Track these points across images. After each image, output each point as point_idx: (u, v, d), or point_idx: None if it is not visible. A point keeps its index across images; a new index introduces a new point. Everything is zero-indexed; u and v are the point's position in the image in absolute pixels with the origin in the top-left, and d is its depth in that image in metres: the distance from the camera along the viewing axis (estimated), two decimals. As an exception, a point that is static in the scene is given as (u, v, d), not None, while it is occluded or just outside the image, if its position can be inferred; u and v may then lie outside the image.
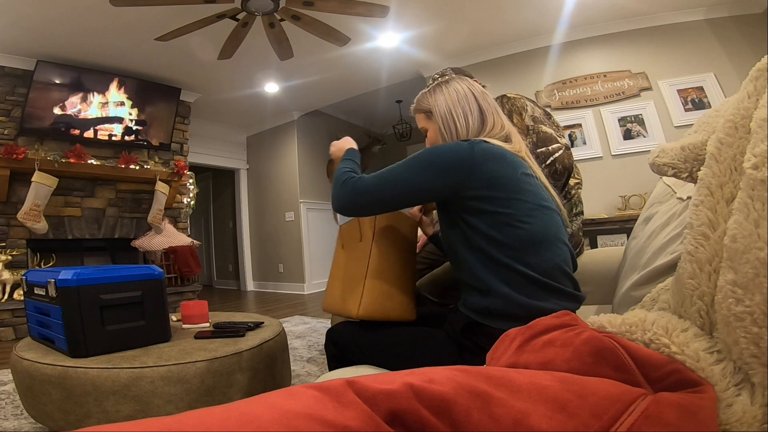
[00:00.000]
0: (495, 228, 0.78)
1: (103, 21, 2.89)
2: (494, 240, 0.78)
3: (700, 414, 0.34)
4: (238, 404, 0.29)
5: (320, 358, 2.13)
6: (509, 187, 0.79)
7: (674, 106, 3.26)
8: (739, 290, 0.36)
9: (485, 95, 0.95)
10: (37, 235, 3.23)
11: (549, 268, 0.77)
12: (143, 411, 1.01)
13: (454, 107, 0.92)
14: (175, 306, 3.43)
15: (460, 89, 0.94)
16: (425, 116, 0.98)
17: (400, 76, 4.33)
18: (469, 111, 0.92)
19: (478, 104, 0.92)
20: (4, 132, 3.19)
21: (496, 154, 0.81)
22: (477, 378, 0.36)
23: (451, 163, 0.79)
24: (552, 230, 0.81)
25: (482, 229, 0.79)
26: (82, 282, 1.13)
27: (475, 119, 0.91)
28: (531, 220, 0.78)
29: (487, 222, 0.79)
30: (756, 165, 0.35)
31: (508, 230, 0.77)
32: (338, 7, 2.58)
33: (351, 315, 0.95)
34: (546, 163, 1.30)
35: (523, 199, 0.79)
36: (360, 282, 0.96)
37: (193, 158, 4.71)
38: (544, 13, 3.29)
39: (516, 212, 0.78)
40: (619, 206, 3.30)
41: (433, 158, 0.81)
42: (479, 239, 0.79)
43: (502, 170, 0.80)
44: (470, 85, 0.96)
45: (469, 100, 0.93)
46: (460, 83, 0.95)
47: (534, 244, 0.78)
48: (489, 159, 0.80)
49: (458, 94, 0.93)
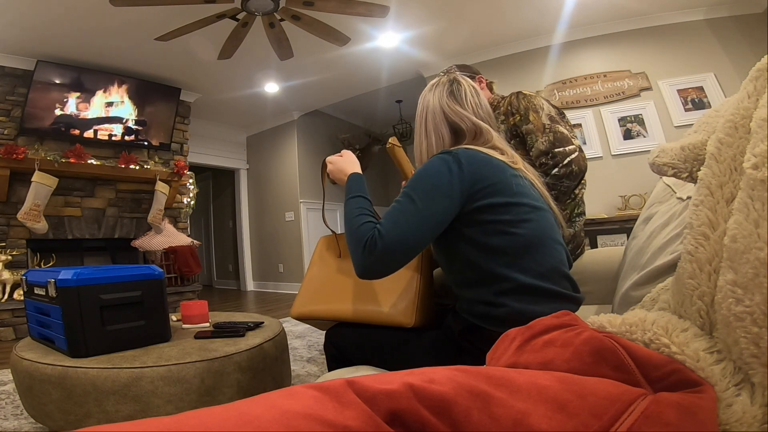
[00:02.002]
0: (491, 236, 0.76)
1: (103, 21, 2.89)
2: (489, 249, 0.76)
3: (700, 414, 0.34)
4: (238, 404, 0.29)
5: (320, 358, 2.13)
6: (505, 191, 0.78)
7: (674, 106, 3.26)
8: (739, 290, 0.36)
9: (459, 106, 0.90)
10: (37, 235, 3.23)
11: (546, 271, 0.77)
12: (143, 411, 1.01)
13: (422, 125, 0.91)
14: (175, 306, 3.43)
15: (430, 104, 0.92)
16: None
17: (400, 76, 4.33)
18: (435, 125, 0.90)
19: (445, 118, 0.89)
20: (4, 132, 3.19)
21: (480, 159, 0.80)
22: (477, 378, 0.36)
23: (451, 179, 0.76)
24: (547, 231, 0.81)
25: (477, 239, 0.77)
26: (82, 282, 1.13)
27: (445, 133, 0.89)
28: (526, 224, 0.77)
29: (482, 231, 0.77)
30: (756, 165, 0.35)
31: (504, 237, 0.76)
32: (338, 7, 2.58)
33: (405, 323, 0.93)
34: (563, 164, 1.31)
35: (518, 202, 0.78)
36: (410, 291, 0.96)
37: (193, 158, 4.71)
38: (544, 13, 3.29)
39: (512, 217, 0.77)
40: (619, 206, 3.30)
41: (433, 181, 0.77)
42: (473, 251, 0.77)
43: (493, 175, 0.78)
44: (440, 96, 0.91)
45: (436, 114, 0.90)
46: (433, 96, 0.92)
47: (530, 247, 0.77)
48: (476, 164, 0.78)
49: (427, 110, 0.92)
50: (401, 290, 0.96)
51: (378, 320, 0.96)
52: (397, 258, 0.74)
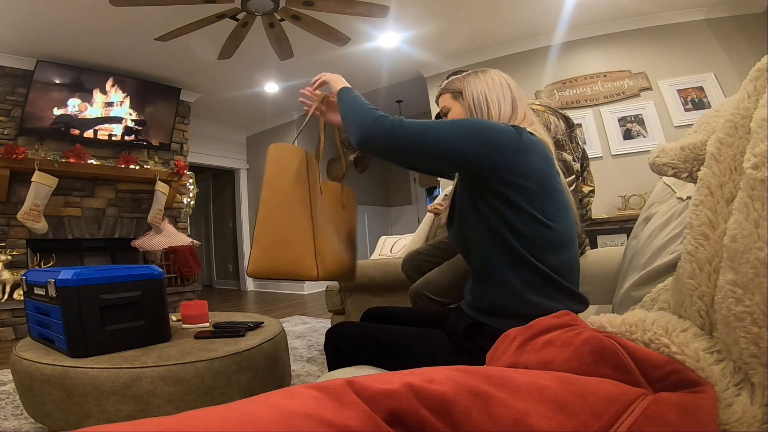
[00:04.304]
0: (524, 223, 0.78)
1: (103, 21, 2.89)
2: (520, 233, 0.78)
3: (700, 414, 0.34)
4: (238, 404, 0.29)
5: (320, 358, 2.13)
6: (542, 182, 0.79)
7: (674, 106, 3.26)
8: (739, 290, 0.36)
9: (519, 91, 0.96)
10: (37, 235, 3.23)
11: (564, 269, 0.79)
12: (143, 411, 1.01)
13: (488, 91, 0.92)
14: (175, 306, 3.43)
15: (496, 78, 0.95)
16: (452, 96, 0.97)
17: (400, 76, 4.33)
18: (502, 97, 0.92)
19: (511, 94, 0.93)
20: (4, 132, 3.19)
21: (539, 147, 0.82)
22: (477, 378, 0.36)
23: (501, 138, 0.78)
24: (572, 233, 0.83)
25: (510, 220, 0.78)
26: (82, 282, 1.13)
27: (507, 107, 0.91)
28: (557, 220, 0.79)
29: (516, 214, 0.78)
30: (756, 165, 0.35)
31: (536, 227, 0.77)
32: (338, 7, 2.58)
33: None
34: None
35: (552, 198, 0.80)
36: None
37: (193, 158, 4.71)
38: (544, 13, 3.29)
39: (544, 210, 0.78)
40: (619, 206, 3.30)
41: (484, 127, 0.79)
42: (504, 229, 0.78)
43: (540, 164, 0.80)
44: (507, 78, 0.96)
45: (503, 89, 0.93)
46: (497, 74, 0.96)
47: (556, 244, 0.79)
48: (533, 150, 0.80)
49: (494, 81, 0.94)
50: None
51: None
52: (399, 145, 0.77)
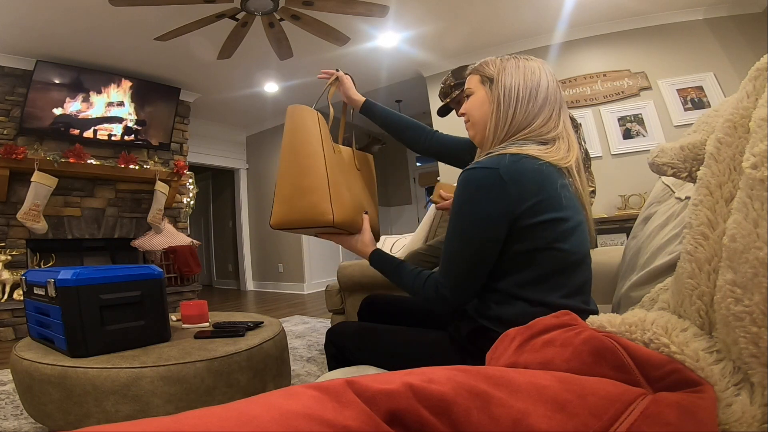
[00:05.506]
0: (528, 254, 0.74)
1: (103, 21, 2.89)
2: (523, 266, 0.74)
3: (699, 414, 0.34)
4: (238, 404, 0.29)
5: (320, 358, 2.13)
6: (553, 206, 0.73)
7: (674, 106, 3.26)
8: (738, 290, 0.36)
9: (559, 93, 0.84)
10: (37, 235, 3.23)
11: (575, 289, 0.76)
12: (143, 411, 1.01)
13: (523, 87, 0.81)
14: (174, 306, 3.43)
15: (536, 69, 0.82)
16: (480, 79, 0.86)
17: (399, 75, 4.33)
18: (534, 98, 0.80)
19: (546, 94, 0.81)
20: (3, 132, 3.19)
21: (529, 172, 0.73)
22: (476, 378, 0.36)
23: (494, 206, 0.73)
24: (585, 249, 0.78)
25: (512, 255, 0.75)
26: (81, 282, 1.13)
27: (533, 110, 0.80)
28: (568, 242, 0.74)
29: (524, 245, 0.74)
30: (755, 164, 0.35)
31: (540, 256, 0.73)
32: (338, 6, 2.58)
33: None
34: None
35: (563, 217, 0.74)
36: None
37: (193, 158, 4.71)
38: (544, 13, 3.29)
39: (555, 234, 0.73)
40: (618, 206, 3.30)
41: (475, 213, 0.74)
42: (504, 264, 0.76)
43: (541, 191, 0.73)
44: (547, 71, 0.83)
45: (540, 87, 0.81)
46: (540, 67, 0.83)
47: (567, 266, 0.75)
48: (523, 181, 0.72)
49: (533, 75, 0.81)
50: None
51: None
52: (465, 297, 0.80)
